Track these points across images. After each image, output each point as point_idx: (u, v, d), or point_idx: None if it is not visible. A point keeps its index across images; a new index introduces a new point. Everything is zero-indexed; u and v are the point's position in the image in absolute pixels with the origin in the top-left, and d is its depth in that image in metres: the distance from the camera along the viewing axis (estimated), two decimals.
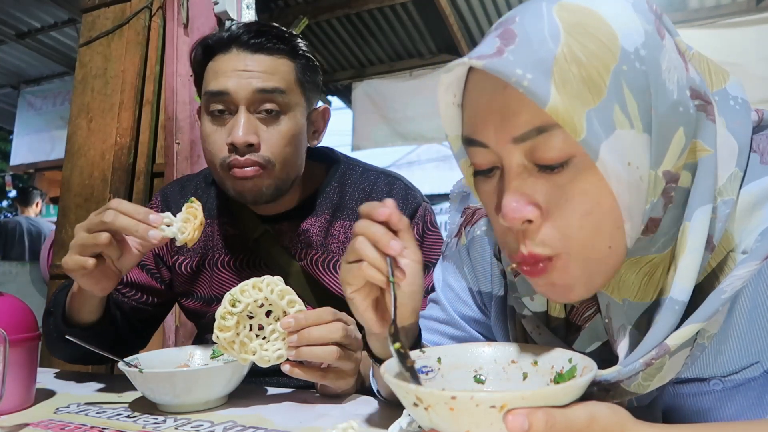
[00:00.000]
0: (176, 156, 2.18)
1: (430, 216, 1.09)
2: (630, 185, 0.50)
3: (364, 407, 0.82)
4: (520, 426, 0.42)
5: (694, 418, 0.61)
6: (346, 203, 1.09)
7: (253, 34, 0.97)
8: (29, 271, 3.55)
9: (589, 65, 0.48)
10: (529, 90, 0.47)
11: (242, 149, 0.94)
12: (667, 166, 0.52)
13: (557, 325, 0.64)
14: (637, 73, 0.49)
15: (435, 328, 0.82)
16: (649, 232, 0.54)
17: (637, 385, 0.55)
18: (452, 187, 0.84)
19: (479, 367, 0.59)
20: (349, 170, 1.13)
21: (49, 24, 4.81)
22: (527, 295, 0.65)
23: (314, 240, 1.07)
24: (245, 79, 0.95)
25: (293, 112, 0.98)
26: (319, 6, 4.17)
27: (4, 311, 0.83)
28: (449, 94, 0.57)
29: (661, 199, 0.53)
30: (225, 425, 0.76)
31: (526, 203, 0.51)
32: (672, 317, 0.52)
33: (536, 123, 0.50)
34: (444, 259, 0.84)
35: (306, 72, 1.02)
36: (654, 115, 0.50)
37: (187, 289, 1.13)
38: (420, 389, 0.45)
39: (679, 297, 0.52)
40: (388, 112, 4.96)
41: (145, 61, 2.30)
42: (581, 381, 0.46)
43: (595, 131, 0.48)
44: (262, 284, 0.80)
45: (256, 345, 0.81)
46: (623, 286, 0.56)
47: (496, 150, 0.53)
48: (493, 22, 4.43)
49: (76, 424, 0.78)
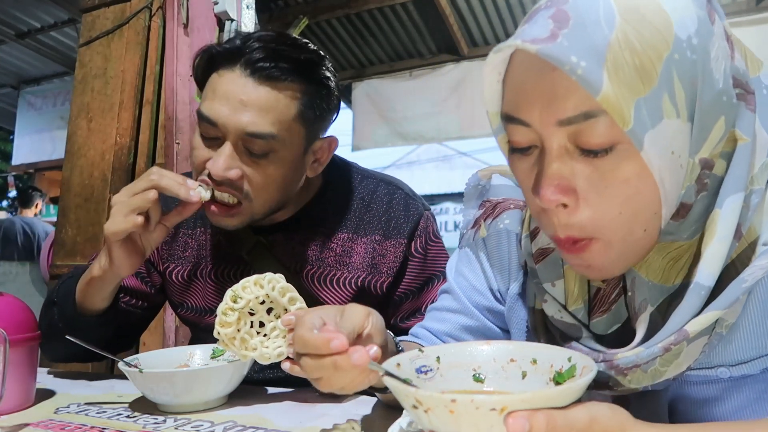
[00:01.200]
0: (176, 156, 2.18)
1: (432, 226, 1.06)
2: (671, 173, 0.51)
3: (364, 407, 0.82)
4: (521, 428, 0.42)
5: (699, 407, 0.61)
6: (343, 213, 1.04)
7: (264, 56, 0.87)
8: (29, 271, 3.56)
9: (643, 53, 0.48)
10: (582, 78, 0.47)
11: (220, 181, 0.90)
12: (704, 154, 0.52)
13: (577, 308, 0.63)
14: (687, 62, 0.49)
15: (447, 318, 0.81)
16: (679, 216, 0.55)
17: (654, 371, 0.55)
18: (468, 179, 0.84)
19: (478, 366, 0.58)
20: (347, 177, 1.07)
21: (49, 24, 4.82)
22: (549, 281, 0.65)
23: (310, 254, 1.02)
24: (238, 113, 0.87)
25: (285, 151, 0.91)
26: (319, 6, 4.17)
27: (4, 311, 0.83)
28: (494, 72, 0.56)
29: (694, 185, 0.54)
30: (225, 425, 0.76)
31: (565, 186, 0.52)
32: (696, 301, 0.53)
33: (584, 108, 0.49)
34: (459, 249, 0.84)
35: (315, 103, 0.92)
36: (699, 104, 0.50)
37: (181, 300, 1.11)
38: (419, 392, 0.45)
39: (705, 282, 0.53)
40: (388, 112, 4.96)
41: (145, 61, 2.30)
42: (581, 382, 0.46)
43: (643, 121, 0.48)
44: (264, 281, 0.80)
45: (257, 342, 0.81)
46: (649, 268, 0.57)
47: (538, 130, 0.53)
48: (493, 22, 4.43)
49: (76, 424, 0.78)
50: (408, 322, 1.03)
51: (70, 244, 2.30)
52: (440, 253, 1.06)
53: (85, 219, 2.29)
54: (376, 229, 1.02)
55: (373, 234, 1.02)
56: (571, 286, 0.63)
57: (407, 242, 1.02)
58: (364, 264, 1.01)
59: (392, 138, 5.02)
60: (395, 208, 1.03)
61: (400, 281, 1.03)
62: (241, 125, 0.87)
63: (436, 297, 1.00)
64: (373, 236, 1.02)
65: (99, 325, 0.99)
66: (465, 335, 0.80)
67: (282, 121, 0.89)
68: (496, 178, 0.81)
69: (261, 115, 0.87)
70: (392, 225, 1.02)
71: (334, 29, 4.59)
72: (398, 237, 1.02)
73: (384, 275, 1.02)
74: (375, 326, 0.63)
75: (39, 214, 4.74)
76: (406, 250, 1.02)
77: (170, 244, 1.10)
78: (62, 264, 2.29)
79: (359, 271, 1.01)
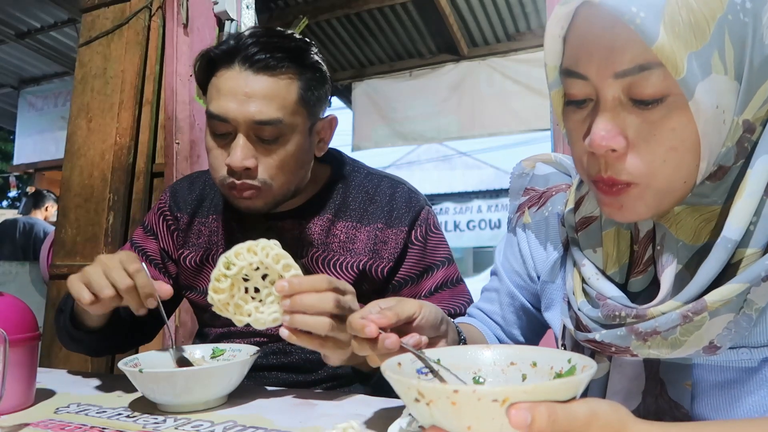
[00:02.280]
0: (176, 156, 2.18)
1: (433, 219, 1.11)
2: (714, 127, 0.54)
3: (364, 407, 0.82)
4: (522, 420, 0.42)
5: (717, 391, 0.62)
6: (349, 204, 1.10)
7: (258, 49, 0.95)
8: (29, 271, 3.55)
9: (698, 11, 0.51)
10: (640, 27, 0.51)
11: (239, 173, 0.96)
12: (747, 115, 0.55)
13: (614, 271, 0.66)
14: (740, 24, 0.52)
15: (493, 298, 0.90)
16: (716, 178, 0.58)
17: (674, 339, 0.57)
18: (512, 168, 0.89)
19: (478, 369, 0.59)
20: (353, 172, 1.14)
21: (49, 24, 4.82)
22: (590, 247, 0.68)
23: (316, 238, 1.08)
24: (245, 106, 0.94)
25: (293, 134, 0.98)
26: (319, 6, 4.17)
27: (4, 311, 0.83)
28: (558, 27, 0.60)
29: (734, 148, 0.57)
30: (225, 425, 0.76)
31: (615, 133, 0.56)
32: (723, 254, 0.55)
33: (640, 61, 0.53)
34: (507, 234, 0.90)
35: (312, 85, 1.00)
36: (747, 65, 0.53)
37: (191, 283, 1.15)
38: (422, 384, 0.46)
39: (732, 236, 0.55)
40: (388, 112, 4.96)
41: (144, 61, 2.30)
42: (582, 376, 0.46)
43: (694, 72, 0.51)
44: (257, 248, 0.80)
45: (251, 307, 0.81)
46: (680, 227, 0.60)
47: (595, 83, 0.57)
48: (493, 22, 4.44)
49: (76, 424, 0.78)
50: None
51: (69, 244, 2.31)
52: (440, 244, 1.10)
53: (85, 219, 2.29)
54: (379, 218, 1.08)
55: (376, 222, 1.08)
56: (610, 249, 0.66)
57: (408, 230, 1.07)
58: (366, 249, 1.06)
59: (392, 138, 5.02)
60: (398, 200, 1.09)
61: (400, 267, 1.07)
62: (249, 115, 0.93)
63: (434, 284, 1.05)
64: (376, 224, 1.07)
65: (97, 340, 1.03)
66: (509, 313, 0.89)
67: (285, 106, 0.96)
68: (540, 166, 0.86)
69: (266, 103, 0.94)
70: (394, 215, 1.08)
71: (334, 29, 4.59)
72: (400, 225, 1.07)
73: (385, 261, 1.06)
74: (426, 319, 0.69)
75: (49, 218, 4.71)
76: (407, 238, 1.07)
77: (185, 232, 1.15)
78: (62, 264, 2.29)
79: (361, 255, 1.06)
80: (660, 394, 0.63)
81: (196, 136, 2.25)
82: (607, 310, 0.62)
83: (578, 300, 0.67)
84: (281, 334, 0.78)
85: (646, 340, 0.58)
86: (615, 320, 0.61)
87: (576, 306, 0.67)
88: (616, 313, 0.61)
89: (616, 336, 0.60)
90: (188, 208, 1.16)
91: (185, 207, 1.16)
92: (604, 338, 0.61)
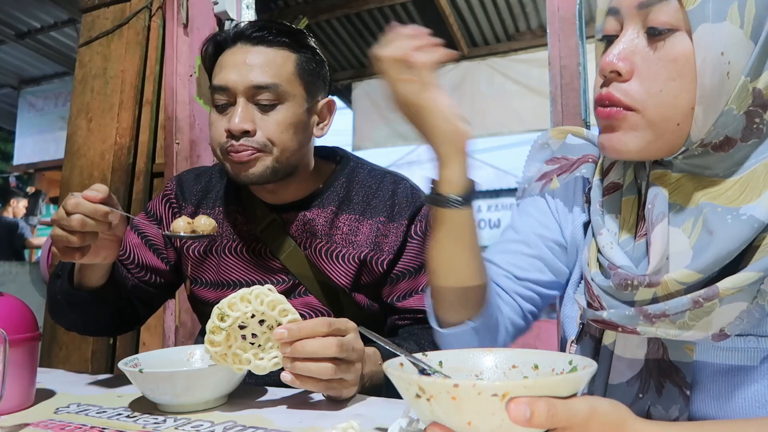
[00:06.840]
0: (176, 156, 2.18)
1: None
2: (714, 72, 0.56)
3: (364, 407, 0.82)
4: (522, 414, 0.42)
5: (719, 377, 0.62)
6: (352, 198, 1.12)
7: (257, 29, 1.03)
8: (29, 271, 3.55)
9: None
10: None
11: (238, 135, 1.00)
12: (760, 84, 0.57)
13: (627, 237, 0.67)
14: None
15: (508, 248, 0.84)
16: (722, 149, 0.59)
17: (682, 323, 0.58)
18: (537, 136, 0.90)
19: (480, 372, 0.59)
20: (357, 168, 1.17)
21: (49, 24, 4.82)
22: (612, 213, 0.70)
23: (319, 230, 1.10)
24: (244, 72, 1.00)
25: (290, 102, 1.02)
26: (319, 6, 4.18)
27: (4, 311, 0.83)
28: None
29: (743, 118, 0.58)
30: (225, 425, 0.76)
31: (624, 57, 0.61)
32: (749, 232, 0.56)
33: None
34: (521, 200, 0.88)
35: (309, 64, 1.06)
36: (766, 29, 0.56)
37: (196, 275, 1.16)
38: (423, 379, 0.46)
39: (761, 217, 0.56)
40: (388, 112, 4.94)
41: (144, 61, 2.30)
42: (583, 373, 0.47)
43: (705, 10, 0.56)
44: (251, 296, 0.78)
45: (250, 356, 0.80)
46: (678, 190, 0.63)
47: (624, 15, 0.62)
48: (493, 22, 4.44)
49: (76, 424, 0.78)
50: (404, 302, 1.09)
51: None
52: None
53: None
54: (381, 212, 1.10)
55: (378, 216, 1.10)
56: (627, 215, 0.68)
57: (408, 224, 1.09)
58: (367, 242, 1.09)
59: (392, 138, 5.03)
60: (400, 196, 1.11)
61: (399, 259, 1.09)
62: (247, 81, 1.00)
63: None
64: (378, 218, 1.10)
65: (96, 302, 1.03)
66: (524, 262, 0.82)
67: (281, 74, 1.02)
68: (571, 138, 0.86)
69: (263, 69, 1.01)
70: (396, 209, 1.10)
71: (334, 29, 4.59)
72: (400, 219, 1.09)
73: (385, 253, 1.08)
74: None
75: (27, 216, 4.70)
76: (407, 231, 1.09)
77: None
78: None
79: (363, 247, 1.08)
80: (662, 358, 0.63)
81: (196, 136, 2.25)
82: (618, 279, 0.62)
83: (592, 270, 0.68)
84: (283, 378, 0.78)
85: (653, 322, 0.59)
86: (627, 288, 0.61)
87: (590, 276, 0.68)
88: (628, 282, 0.61)
89: (624, 316, 0.61)
90: (193, 199, 1.17)
91: (191, 197, 1.17)
92: (611, 317, 0.62)
